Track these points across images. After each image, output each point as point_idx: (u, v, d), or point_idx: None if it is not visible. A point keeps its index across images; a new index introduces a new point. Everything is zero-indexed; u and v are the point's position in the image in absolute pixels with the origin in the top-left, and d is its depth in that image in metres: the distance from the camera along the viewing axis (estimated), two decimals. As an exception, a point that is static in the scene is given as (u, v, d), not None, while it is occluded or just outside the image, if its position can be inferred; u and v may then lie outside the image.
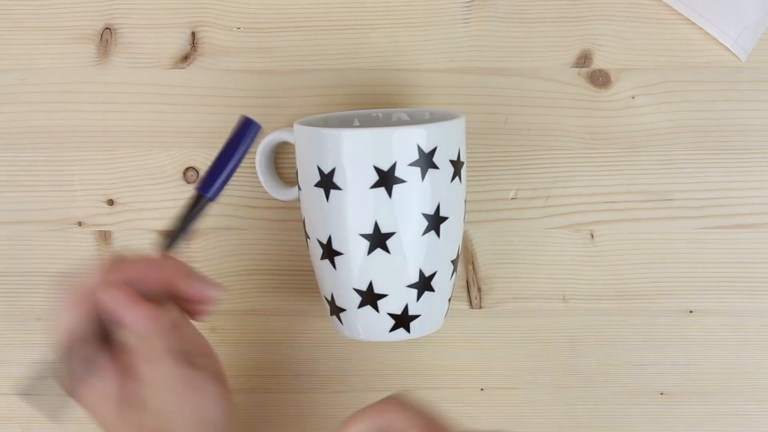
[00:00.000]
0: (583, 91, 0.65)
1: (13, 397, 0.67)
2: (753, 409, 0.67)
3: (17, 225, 0.66)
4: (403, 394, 0.54)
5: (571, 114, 0.65)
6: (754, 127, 0.66)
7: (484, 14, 0.65)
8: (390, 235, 0.56)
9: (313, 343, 0.67)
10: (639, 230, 0.65)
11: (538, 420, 0.67)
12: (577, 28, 0.65)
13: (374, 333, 0.59)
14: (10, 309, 0.66)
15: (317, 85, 0.65)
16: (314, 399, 0.67)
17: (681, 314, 0.66)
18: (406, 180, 0.55)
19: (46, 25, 0.65)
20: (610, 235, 0.66)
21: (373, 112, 0.63)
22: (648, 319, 0.66)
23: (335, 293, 0.59)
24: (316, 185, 0.57)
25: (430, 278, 0.58)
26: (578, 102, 0.65)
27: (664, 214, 0.66)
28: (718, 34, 0.64)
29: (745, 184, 0.66)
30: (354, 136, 0.56)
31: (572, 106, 0.65)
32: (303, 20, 0.65)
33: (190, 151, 0.66)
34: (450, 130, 0.57)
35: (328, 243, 0.57)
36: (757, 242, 0.66)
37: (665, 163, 0.66)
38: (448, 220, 0.57)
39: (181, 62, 0.65)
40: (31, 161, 0.66)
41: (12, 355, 0.67)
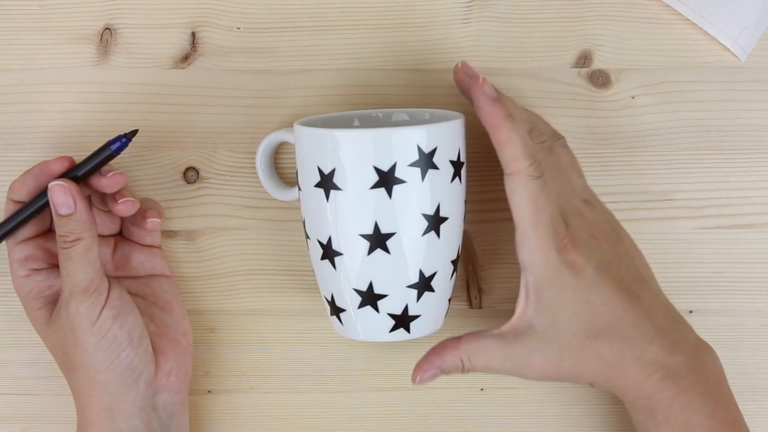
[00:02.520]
0: (583, 91, 0.65)
1: (13, 396, 0.67)
2: (753, 409, 0.67)
3: (17, 225, 0.66)
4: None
5: (571, 114, 0.65)
6: (754, 127, 0.66)
7: (484, 14, 0.65)
8: (390, 235, 0.56)
9: (313, 343, 0.67)
10: (639, 230, 0.65)
11: (538, 420, 0.67)
12: (577, 28, 0.65)
13: (374, 333, 0.59)
14: (10, 309, 0.66)
15: (317, 85, 0.65)
16: (314, 399, 0.67)
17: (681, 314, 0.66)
18: (406, 180, 0.55)
19: (46, 25, 0.65)
20: (610, 235, 0.66)
21: (373, 112, 0.63)
22: (648, 319, 0.66)
23: (335, 293, 0.59)
24: (316, 186, 0.57)
25: (430, 279, 0.58)
26: (578, 102, 0.65)
27: (664, 214, 0.66)
28: (718, 34, 0.64)
29: (745, 184, 0.66)
30: (354, 136, 0.56)
31: (572, 106, 0.65)
32: (303, 20, 0.65)
33: (190, 151, 0.66)
34: (450, 131, 0.57)
35: (328, 243, 0.57)
36: (757, 242, 0.66)
37: (665, 163, 0.66)
38: (448, 220, 0.57)
39: (181, 62, 0.65)
40: (31, 161, 0.66)
41: (12, 355, 0.67)
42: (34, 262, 0.61)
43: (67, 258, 0.58)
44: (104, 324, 0.58)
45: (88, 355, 0.58)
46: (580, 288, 0.57)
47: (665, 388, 0.57)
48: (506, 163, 0.56)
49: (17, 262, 0.61)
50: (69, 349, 0.59)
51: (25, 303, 0.61)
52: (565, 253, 0.56)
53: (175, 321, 0.63)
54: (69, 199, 0.58)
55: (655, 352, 0.57)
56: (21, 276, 0.61)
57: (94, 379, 0.59)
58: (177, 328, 0.63)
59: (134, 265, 0.64)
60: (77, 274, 0.58)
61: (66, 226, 0.58)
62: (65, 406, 0.67)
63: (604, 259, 0.58)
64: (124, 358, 0.59)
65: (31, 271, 0.61)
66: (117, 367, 0.59)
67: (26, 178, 0.60)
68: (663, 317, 0.59)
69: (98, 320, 0.58)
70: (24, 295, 0.61)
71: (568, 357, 0.57)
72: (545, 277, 0.56)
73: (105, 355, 0.58)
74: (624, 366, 0.57)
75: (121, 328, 0.59)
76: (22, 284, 0.61)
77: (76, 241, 0.58)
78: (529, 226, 0.56)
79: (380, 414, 0.67)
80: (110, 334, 0.58)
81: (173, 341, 0.62)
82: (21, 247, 0.61)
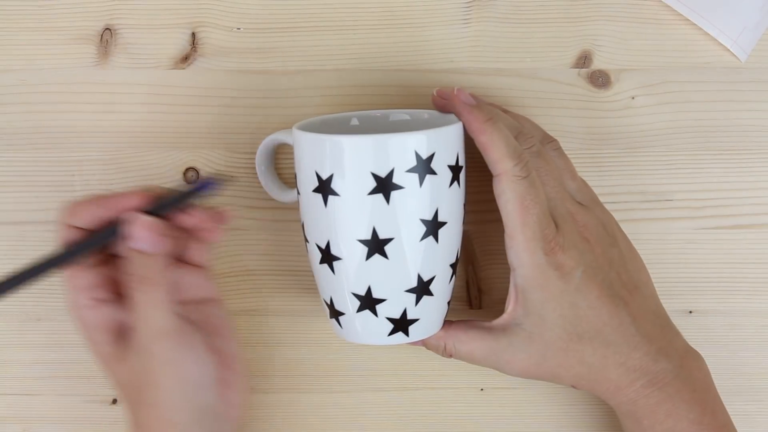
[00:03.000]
0: (583, 91, 0.65)
1: (13, 397, 0.67)
2: (753, 409, 0.67)
3: (17, 225, 0.66)
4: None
5: (571, 114, 0.65)
6: (754, 127, 0.66)
7: (484, 14, 0.65)
8: (388, 240, 0.56)
9: (313, 343, 0.67)
10: (639, 230, 0.65)
11: (538, 420, 0.67)
12: (576, 28, 0.65)
13: (373, 337, 0.59)
14: (10, 309, 0.66)
15: (317, 85, 0.65)
16: (314, 399, 0.67)
17: (681, 314, 0.66)
18: (404, 186, 0.55)
19: (46, 26, 0.65)
20: (609, 235, 0.66)
21: (371, 112, 0.63)
22: (648, 320, 0.66)
23: (334, 297, 0.59)
24: (314, 191, 0.57)
25: (428, 283, 0.58)
26: (578, 102, 0.65)
27: (663, 214, 0.66)
28: (718, 35, 0.64)
29: (745, 184, 0.66)
30: (351, 142, 0.55)
31: (572, 107, 0.65)
32: (303, 20, 0.65)
33: (190, 151, 0.66)
34: (448, 136, 0.57)
35: (327, 248, 0.57)
36: (757, 242, 0.66)
37: (665, 163, 0.66)
38: (447, 225, 0.57)
39: (181, 62, 0.65)
40: (31, 161, 0.66)
41: (12, 355, 0.67)
42: (101, 291, 0.57)
43: (145, 304, 0.54)
44: (186, 366, 0.55)
45: (166, 396, 0.55)
46: (566, 291, 0.57)
47: (649, 395, 0.58)
48: (492, 165, 0.57)
49: (80, 290, 0.56)
50: (144, 388, 0.55)
51: (89, 335, 0.57)
52: (553, 255, 0.57)
53: (230, 348, 0.59)
54: (154, 238, 0.54)
55: (640, 358, 0.58)
56: (84, 306, 0.56)
57: (168, 419, 0.55)
58: (233, 355, 0.59)
59: (185, 289, 0.60)
60: (155, 318, 0.54)
61: (141, 266, 0.54)
62: (65, 406, 0.67)
63: (594, 262, 0.58)
64: (203, 398, 0.56)
65: (95, 301, 0.57)
66: (194, 407, 0.55)
67: (92, 206, 0.56)
68: (650, 323, 0.59)
69: (179, 363, 0.55)
70: (87, 327, 0.57)
71: (551, 358, 0.58)
72: (532, 278, 0.57)
73: (183, 396, 0.55)
74: (607, 371, 0.58)
75: (200, 369, 0.56)
76: (85, 315, 0.57)
77: (151, 286, 0.54)
78: (516, 227, 0.56)
79: (380, 414, 0.67)
80: (190, 375, 0.55)
81: (233, 371, 0.59)
82: (84, 274, 0.56)
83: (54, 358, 0.67)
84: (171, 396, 0.55)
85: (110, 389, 0.67)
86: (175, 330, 0.55)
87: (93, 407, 0.67)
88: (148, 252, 0.55)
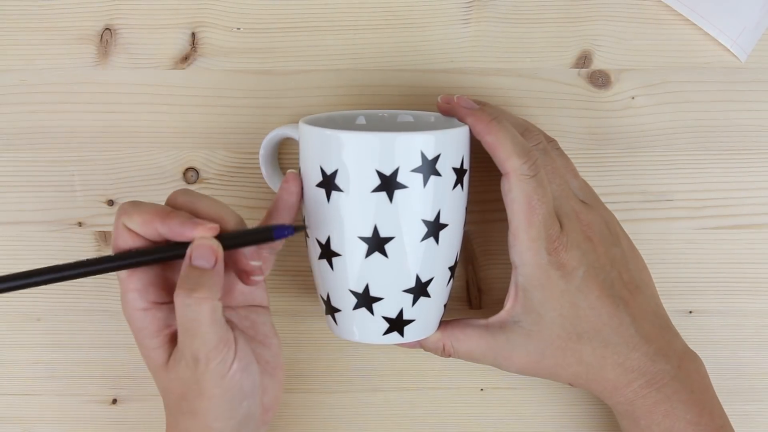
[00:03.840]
0: (583, 91, 0.65)
1: (13, 397, 0.67)
2: (753, 409, 0.67)
3: (17, 225, 0.66)
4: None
5: (571, 114, 0.65)
6: (754, 127, 0.66)
7: (484, 14, 0.65)
8: (389, 239, 0.56)
9: (312, 343, 0.67)
10: (639, 230, 0.65)
11: (538, 420, 0.67)
12: (576, 28, 0.65)
13: (368, 335, 0.59)
14: (10, 309, 0.66)
15: (317, 85, 0.65)
16: (314, 399, 0.67)
17: (681, 314, 0.66)
18: (408, 186, 0.55)
19: (46, 26, 0.65)
20: (610, 235, 0.66)
21: (378, 112, 0.63)
22: (648, 320, 0.66)
23: (331, 293, 0.59)
24: (318, 185, 0.57)
25: (426, 284, 0.57)
26: (578, 102, 0.65)
27: (664, 214, 0.66)
28: (717, 35, 0.64)
29: (745, 184, 0.66)
30: (358, 139, 0.56)
31: (572, 107, 0.65)
32: (303, 20, 0.65)
33: (190, 151, 0.66)
34: (454, 138, 0.57)
35: (327, 243, 0.57)
36: (757, 242, 0.66)
37: (665, 163, 0.66)
38: (448, 227, 0.57)
39: (181, 63, 0.65)
40: (31, 161, 0.66)
41: (12, 355, 0.67)
42: (155, 294, 0.56)
43: (193, 319, 0.53)
44: (234, 377, 0.54)
45: (212, 405, 0.54)
46: (567, 290, 0.57)
47: (647, 395, 0.58)
48: (500, 163, 0.57)
49: (135, 291, 0.55)
50: (190, 396, 0.54)
51: (140, 339, 0.56)
52: (556, 255, 0.57)
53: (274, 355, 0.59)
54: (212, 257, 0.53)
55: (638, 359, 0.58)
56: (139, 308, 0.55)
57: (210, 426, 0.55)
58: (276, 363, 0.59)
59: (236, 295, 0.59)
60: (205, 335, 0.53)
61: (193, 279, 0.53)
62: (65, 406, 0.67)
63: (596, 262, 0.58)
64: (245, 406, 0.55)
65: (150, 304, 0.56)
66: (237, 416, 0.55)
67: (156, 223, 0.54)
68: (650, 324, 0.59)
69: (228, 373, 0.54)
70: (139, 329, 0.56)
71: (549, 356, 0.58)
72: (534, 277, 0.57)
73: (229, 406, 0.55)
74: (604, 371, 0.58)
75: (247, 379, 0.55)
76: (138, 318, 0.56)
77: (200, 300, 0.52)
78: (521, 226, 0.56)
79: (380, 414, 0.67)
80: (237, 386, 0.54)
81: (273, 377, 0.58)
82: (138, 276, 0.55)
83: (54, 358, 0.67)
84: (217, 406, 0.54)
85: (110, 389, 0.67)
86: (221, 341, 0.53)
87: (93, 407, 0.67)
88: (203, 267, 0.53)
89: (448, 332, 0.60)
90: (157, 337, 0.56)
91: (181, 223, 0.54)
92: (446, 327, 0.60)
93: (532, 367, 0.59)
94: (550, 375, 0.59)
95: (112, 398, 0.67)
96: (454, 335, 0.60)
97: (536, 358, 0.58)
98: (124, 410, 0.67)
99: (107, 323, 0.67)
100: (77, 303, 0.66)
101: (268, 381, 0.58)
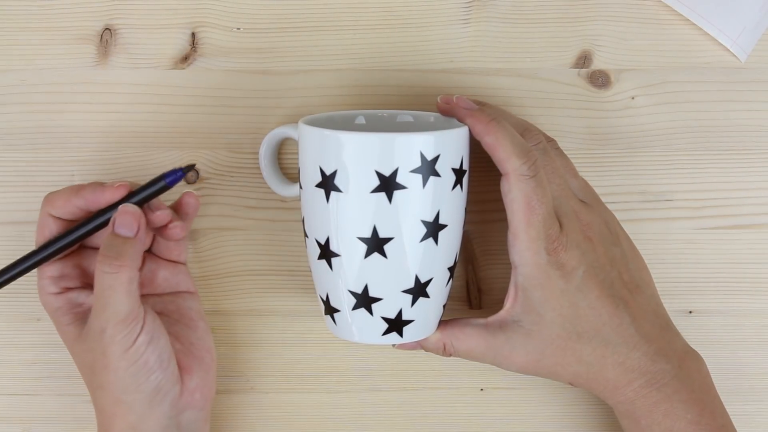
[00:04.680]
0: (583, 91, 0.65)
1: (13, 397, 0.67)
2: (753, 409, 0.67)
3: (17, 225, 0.66)
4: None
5: (571, 114, 0.65)
6: (754, 127, 0.66)
7: (484, 14, 0.65)
8: (388, 240, 0.56)
9: (313, 343, 0.67)
10: (639, 230, 0.65)
11: (538, 420, 0.67)
12: (576, 28, 0.65)
13: (367, 335, 0.59)
14: (10, 309, 0.66)
15: (317, 85, 0.65)
16: (314, 399, 0.67)
17: (681, 314, 0.66)
18: (407, 186, 0.55)
19: (46, 26, 0.65)
20: (609, 235, 0.66)
21: (378, 112, 0.63)
22: (648, 320, 0.66)
23: (330, 294, 0.59)
24: (317, 186, 0.57)
25: (425, 284, 0.57)
26: (578, 102, 0.65)
27: (663, 214, 0.66)
28: (717, 35, 0.64)
29: (745, 184, 0.66)
30: (358, 139, 0.55)
31: (572, 107, 0.65)
32: (303, 20, 0.65)
33: (190, 151, 0.66)
34: (454, 139, 0.57)
35: (326, 244, 0.57)
36: (757, 242, 0.66)
37: (665, 163, 0.66)
38: (447, 227, 0.57)
39: (181, 62, 0.65)
40: (31, 161, 0.66)
41: (12, 355, 0.67)
42: (69, 281, 0.60)
43: (109, 287, 0.56)
44: (138, 350, 0.56)
45: (117, 378, 0.57)
46: (567, 290, 0.57)
47: (647, 395, 0.58)
48: (499, 164, 0.57)
49: (50, 279, 0.59)
50: (97, 369, 0.57)
51: (54, 317, 0.60)
52: (556, 255, 0.57)
53: (200, 338, 0.62)
54: (134, 225, 0.57)
55: (638, 358, 0.58)
56: (52, 293, 0.59)
57: (120, 399, 0.57)
58: (202, 346, 0.61)
59: (159, 282, 0.63)
60: (117, 305, 0.56)
61: (116, 248, 0.56)
62: (65, 406, 0.67)
63: (596, 262, 0.58)
64: (153, 380, 0.57)
65: (63, 289, 0.60)
66: (145, 389, 0.57)
67: (72, 198, 0.59)
68: (650, 324, 0.59)
69: (132, 347, 0.56)
70: (52, 310, 0.60)
71: (549, 355, 0.58)
72: (534, 277, 0.57)
73: (134, 378, 0.57)
74: (605, 370, 0.58)
75: (152, 353, 0.57)
76: (51, 300, 0.60)
77: (120, 267, 0.55)
78: (520, 226, 0.56)
79: (380, 414, 0.67)
80: (142, 359, 0.57)
81: (198, 359, 0.61)
82: (56, 265, 0.60)
83: (54, 358, 0.67)
84: (121, 378, 0.57)
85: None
86: (130, 314, 0.56)
87: (93, 407, 0.67)
88: (127, 236, 0.56)
89: (448, 332, 0.60)
90: (68, 313, 0.59)
91: (93, 189, 0.58)
92: (446, 327, 0.60)
93: (531, 367, 0.59)
94: (550, 374, 0.59)
95: (112, 398, 0.67)
96: (453, 335, 0.60)
97: (536, 357, 0.58)
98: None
99: (107, 323, 0.67)
100: (77, 303, 0.66)
101: (193, 362, 0.60)
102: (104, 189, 0.58)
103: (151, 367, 0.57)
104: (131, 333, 0.56)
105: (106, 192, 0.58)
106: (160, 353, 0.58)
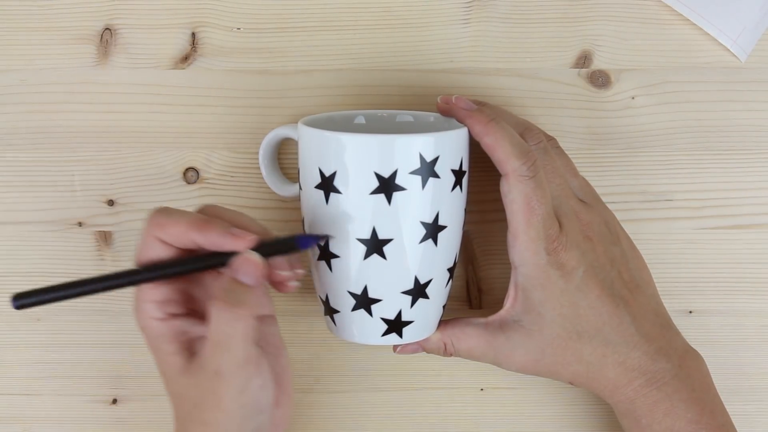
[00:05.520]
0: (583, 91, 0.65)
1: (13, 397, 0.67)
2: (753, 409, 0.67)
3: (17, 225, 0.66)
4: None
5: (571, 114, 0.65)
6: (754, 127, 0.66)
7: (484, 14, 0.65)
8: (387, 241, 0.56)
9: (313, 343, 0.67)
10: (639, 230, 0.65)
11: (538, 420, 0.67)
12: (576, 28, 0.65)
13: (366, 336, 0.59)
14: (10, 309, 0.66)
15: (317, 85, 0.65)
16: (314, 399, 0.67)
17: (681, 314, 0.66)
18: (406, 188, 0.55)
19: (46, 26, 0.65)
20: (609, 235, 0.66)
21: (377, 112, 0.63)
22: (648, 320, 0.66)
23: (330, 294, 0.59)
24: (317, 187, 0.57)
25: (425, 285, 0.57)
26: (578, 102, 0.65)
27: (663, 214, 0.66)
28: (717, 35, 0.64)
29: (745, 184, 0.66)
30: (357, 141, 0.55)
31: (572, 107, 0.65)
32: (303, 20, 0.65)
33: (190, 151, 0.66)
34: (453, 140, 0.57)
35: (326, 245, 0.57)
36: (757, 242, 0.66)
37: (665, 163, 0.66)
38: (447, 229, 0.57)
39: (181, 62, 0.65)
40: (31, 161, 0.66)
41: (12, 355, 0.67)
42: (174, 307, 0.56)
43: (227, 335, 0.52)
44: (253, 393, 0.54)
45: (227, 418, 0.53)
46: (567, 290, 0.57)
47: (647, 394, 0.58)
48: (498, 165, 0.57)
49: (154, 303, 0.55)
50: (206, 407, 0.54)
51: (155, 344, 0.56)
52: (556, 255, 0.57)
53: (283, 367, 0.58)
54: (257, 274, 0.54)
55: (638, 357, 0.58)
56: (156, 318, 0.55)
57: None
58: (285, 376, 0.58)
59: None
60: (235, 350, 0.53)
61: (236, 294, 0.53)
62: (65, 406, 0.67)
63: (596, 261, 0.58)
64: (259, 420, 0.55)
65: (168, 315, 0.56)
66: (248, 427, 0.54)
67: (192, 233, 0.54)
68: (650, 323, 0.59)
69: (248, 390, 0.54)
70: (154, 336, 0.56)
71: (550, 355, 0.58)
72: (534, 277, 0.57)
73: (244, 419, 0.54)
74: (605, 370, 0.58)
75: (264, 395, 0.55)
76: (155, 326, 0.55)
77: (240, 315, 0.52)
78: (520, 227, 0.57)
79: (380, 414, 0.67)
80: (255, 402, 0.54)
81: (284, 389, 0.58)
82: (160, 289, 0.55)
83: (54, 358, 0.67)
84: (230, 419, 0.54)
85: (110, 389, 0.67)
86: (249, 359, 0.53)
87: (93, 407, 0.67)
88: (249, 284, 0.54)
89: (448, 332, 0.60)
90: (173, 343, 0.55)
91: (221, 233, 0.54)
92: (446, 326, 0.60)
93: (532, 366, 0.59)
94: (550, 374, 0.59)
95: (112, 398, 0.67)
96: (454, 334, 0.60)
97: (536, 356, 0.58)
98: (124, 410, 0.67)
99: (107, 323, 0.67)
100: (77, 303, 0.66)
101: (281, 395, 0.57)
102: (234, 238, 0.54)
103: (261, 408, 0.55)
104: (248, 377, 0.53)
105: (237, 242, 0.54)
106: (270, 395, 0.55)
